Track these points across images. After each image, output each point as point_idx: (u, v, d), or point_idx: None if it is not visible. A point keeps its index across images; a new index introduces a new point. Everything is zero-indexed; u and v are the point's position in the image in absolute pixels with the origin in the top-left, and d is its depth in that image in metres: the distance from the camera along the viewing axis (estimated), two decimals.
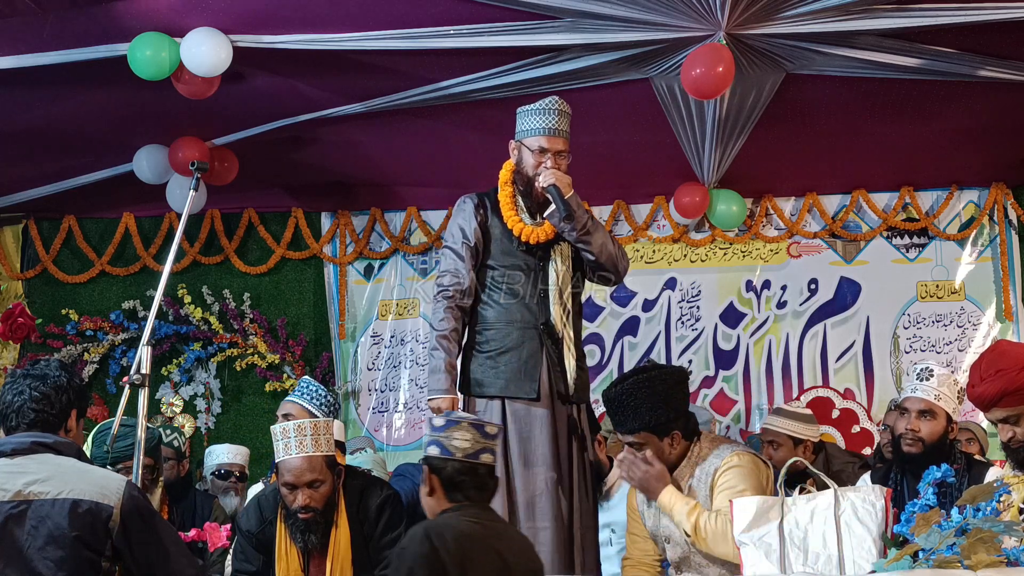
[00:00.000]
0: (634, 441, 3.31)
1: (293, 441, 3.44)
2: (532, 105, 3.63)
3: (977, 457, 4.05)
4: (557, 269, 3.60)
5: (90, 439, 3.80)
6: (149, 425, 3.36)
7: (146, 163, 5.66)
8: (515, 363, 3.54)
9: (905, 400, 3.77)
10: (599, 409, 6.36)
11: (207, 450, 5.56)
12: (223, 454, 5.35)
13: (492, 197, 3.72)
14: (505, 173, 3.71)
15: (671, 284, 6.52)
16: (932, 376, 3.69)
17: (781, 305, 6.44)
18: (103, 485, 2.73)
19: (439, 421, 2.90)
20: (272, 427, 3.59)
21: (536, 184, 3.56)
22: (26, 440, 2.78)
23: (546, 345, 3.55)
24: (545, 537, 3.44)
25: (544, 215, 3.64)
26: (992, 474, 3.53)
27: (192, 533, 3.52)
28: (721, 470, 3.25)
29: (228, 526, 3.75)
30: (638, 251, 6.54)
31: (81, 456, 2.84)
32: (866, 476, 3.99)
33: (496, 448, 2.94)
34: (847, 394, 6.29)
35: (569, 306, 3.62)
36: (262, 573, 3.55)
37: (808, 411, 5.00)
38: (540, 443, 3.50)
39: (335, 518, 3.51)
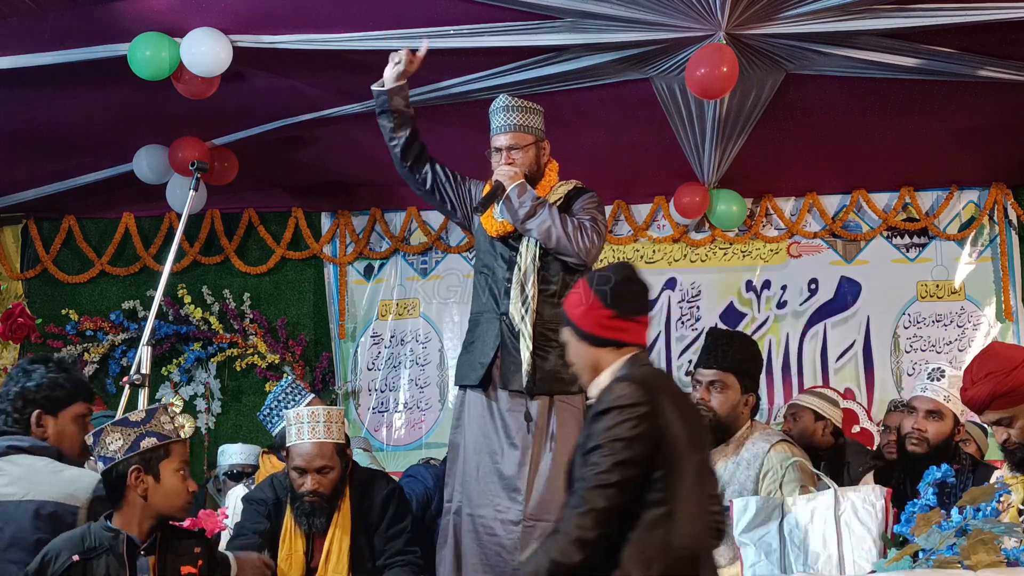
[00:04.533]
0: (715, 379, 3.43)
1: (306, 427, 3.52)
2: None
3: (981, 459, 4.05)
4: (521, 262, 3.68)
5: None
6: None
7: (146, 163, 5.66)
8: (475, 351, 3.68)
9: (914, 399, 3.75)
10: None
11: (220, 449, 5.57)
12: (236, 454, 5.35)
13: None
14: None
15: (671, 284, 6.52)
16: (943, 377, 3.68)
17: (781, 305, 6.43)
18: (73, 484, 2.73)
19: (88, 439, 2.76)
20: (286, 412, 3.68)
21: None
22: (1, 445, 2.79)
23: (504, 335, 3.63)
24: (474, 524, 3.51)
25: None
26: (997, 476, 3.52)
27: (187, 523, 3.51)
28: (779, 459, 3.33)
29: (224, 508, 3.74)
30: (638, 251, 6.53)
31: (60, 457, 2.84)
32: (869, 476, 3.99)
33: (156, 427, 2.78)
34: (847, 394, 6.28)
35: (531, 298, 3.66)
36: (262, 542, 3.56)
37: (836, 395, 5.05)
38: (475, 429, 3.59)
39: (340, 505, 3.57)
